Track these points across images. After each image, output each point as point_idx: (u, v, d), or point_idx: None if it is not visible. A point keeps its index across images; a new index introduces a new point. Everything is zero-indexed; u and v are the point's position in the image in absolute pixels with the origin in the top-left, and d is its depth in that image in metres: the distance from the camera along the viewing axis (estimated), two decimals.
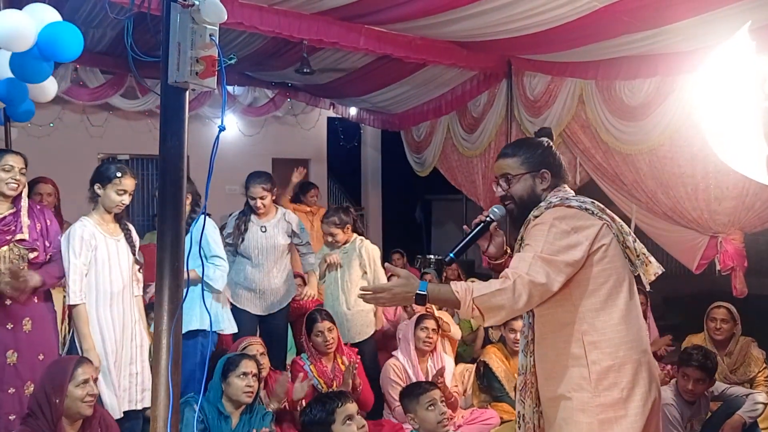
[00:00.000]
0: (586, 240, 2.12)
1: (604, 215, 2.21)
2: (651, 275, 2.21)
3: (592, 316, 2.14)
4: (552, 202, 2.25)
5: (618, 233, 2.20)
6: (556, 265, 2.08)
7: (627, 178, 5.33)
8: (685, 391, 3.64)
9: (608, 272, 2.16)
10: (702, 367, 3.58)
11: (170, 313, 1.49)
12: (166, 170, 1.55)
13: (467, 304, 2.02)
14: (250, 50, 6.44)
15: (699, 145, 4.42)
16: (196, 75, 1.53)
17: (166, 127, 1.56)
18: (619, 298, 2.16)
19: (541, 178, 2.34)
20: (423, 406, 3.17)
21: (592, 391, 2.13)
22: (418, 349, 4.27)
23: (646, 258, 2.22)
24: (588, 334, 2.14)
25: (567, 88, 5.82)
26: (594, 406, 2.12)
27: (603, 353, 2.13)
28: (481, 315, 2.05)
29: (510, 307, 2.04)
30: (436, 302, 2.16)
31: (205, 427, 3.10)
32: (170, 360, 1.46)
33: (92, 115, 8.66)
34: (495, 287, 2.04)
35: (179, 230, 1.56)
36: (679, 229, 5.09)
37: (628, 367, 2.12)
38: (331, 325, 4.08)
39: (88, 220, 3.34)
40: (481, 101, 6.94)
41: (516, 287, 2.03)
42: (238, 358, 3.31)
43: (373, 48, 5.46)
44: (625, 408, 2.11)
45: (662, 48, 4.73)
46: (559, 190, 2.34)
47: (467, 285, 2.07)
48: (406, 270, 2.19)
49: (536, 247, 2.11)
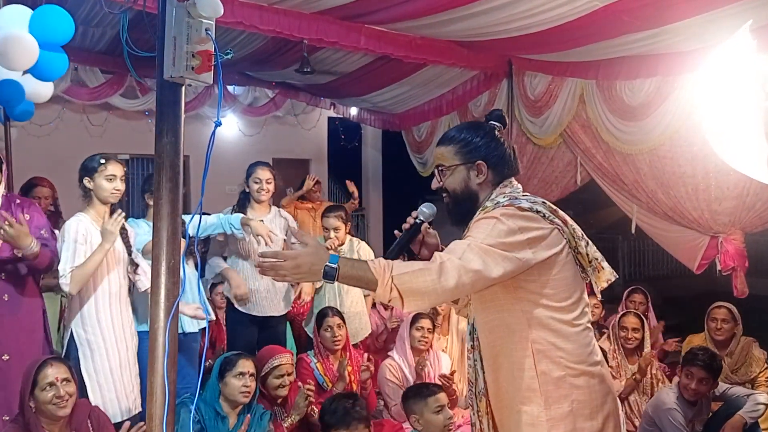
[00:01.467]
0: (531, 244, 1.94)
1: (555, 218, 2.02)
2: (603, 282, 2.06)
3: (542, 325, 1.99)
4: (500, 202, 2.04)
5: (570, 238, 2.03)
6: (493, 255, 1.87)
7: (627, 178, 5.32)
8: (687, 391, 3.62)
9: (559, 280, 2.00)
10: (707, 368, 3.57)
11: (167, 310, 1.49)
12: (162, 167, 1.54)
13: (386, 283, 1.77)
14: (250, 50, 6.45)
15: (699, 144, 4.42)
16: (192, 70, 1.53)
17: (161, 122, 1.55)
18: (570, 307, 2.01)
19: (476, 170, 2.11)
20: (431, 408, 3.14)
21: (542, 404, 1.97)
22: (413, 348, 4.26)
23: (599, 264, 2.07)
24: (537, 342, 1.98)
25: (568, 88, 5.81)
26: (544, 420, 1.97)
27: (553, 363, 1.97)
28: (400, 297, 1.79)
29: (434, 290, 1.79)
30: (347, 279, 1.81)
31: (201, 427, 3.08)
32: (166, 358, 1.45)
33: (92, 114, 8.67)
34: (419, 266, 1.81)
35: (176, 227, 1.56)
36: (679, 229, 5.08)
37: (580, 378, 1.99)
38: (340, 322, 4.09)
39: (84, 216, 3.30)
40: (482, 101, 6.93)
41: (444, 268, 1.80)
42: (236, 357, 3.28)
43: (373, 48, 5.46)
44: (574, 422, 1.97)
45: (663, 48, 4.72)
46: (505, 186, 2.12)
47: (387, 261, 1.83)
48: (316, 240, 1.95)
49: (477, 238, 1.91)
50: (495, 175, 2.12)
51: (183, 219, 3.84)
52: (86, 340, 3.25)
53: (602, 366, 2.08)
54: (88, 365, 3.22)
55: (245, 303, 4.19)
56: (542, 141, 6.15)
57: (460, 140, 2.15)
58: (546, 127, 6.07)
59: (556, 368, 1.97)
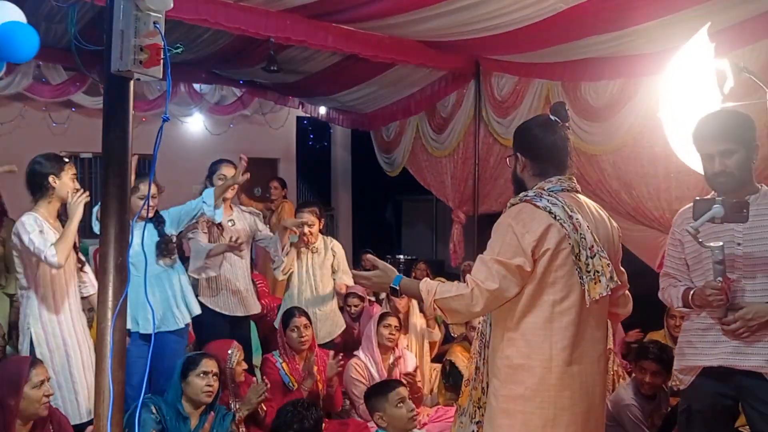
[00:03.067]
0: (530, 245, 2.12)
1: (567, 223, 2.13)
2: (595, 294, 2.14)
3: (520, 315, 2.18)
4: (528, 195, 2.23)
5: (575, 244, 2.13)
6: (509, 267, 2.12)
7: (591, 178, 5.38)
8: (642, 385, 3.68)
9: (548, 279, 2.15)
10: (658, 360, 3.61)
11: (114, 309, 1.45)
12: (110, 163, 1.51)
13: (429, 304, 2.19)
14: (216, 47, 6.38)
15: (661, 145, 4.46)
16: (140, 64, 1.50)
17: (109, 117, 1.52)
18: (549, 303, 2.15)
19: (518, 160, 2.33)
20: (392, 403, 3.16)
21: (502, 380, 2.23)
22: (381, 345, 4.26)
23: (597, 276, 2.15)
24: (510, 330, 2.21)
25: (534, 89, 5.86)
26: (501, 394, 2.22)
27: (518, 351, 2.19)
28: (444, 314, 2.21)
29: (467, 312, 2.19)
30: (406, 295, 2.50)
31: (163, 428, 3.04)
32: (111, 356, 1.42)
33: (54, 112, 8.48)
34: (454, 292, 2.16)
35: (124, 225, 1.52)
36: (642, 228, 5.15)
37: (537, 371, 2.16)
38: (307, 322, 4.08)
39: (35, 214, 3.23)
40: (449, 101, 6.96)
41: (473, 295, 2.13)
42: (199, 357, 3.25)
43: (341, 47, 5.44)
44: (523, 405, 2.18)
45: (626, 50, 4.78)
46: (547, 182, 2.25)
47: (431, 286, 2.20)
48: (384, 263, 2.36)
49: (495, 248, 2.18)
50: (535, 167, 2.29)
51: (163, 216, 3.82)
52: (45, 341, 3.18)
53: (576, 367, 2.18)
54: (48, 366, 3.15)
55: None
56: (509, 141, 6.15)
57: (517, 131, 2.39)
58: (512, 128, 6.08)
59: (519, 357, 2.18)
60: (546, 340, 2.15)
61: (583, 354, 2.20)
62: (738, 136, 2.40)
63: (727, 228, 2.41)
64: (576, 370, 2.18)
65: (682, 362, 2.60)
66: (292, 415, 2.74)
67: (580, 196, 2.31)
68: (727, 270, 2.37)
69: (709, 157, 2.44)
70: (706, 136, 2.45)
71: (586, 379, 2.21)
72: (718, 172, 2.41)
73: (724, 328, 2.42)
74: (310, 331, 4.10)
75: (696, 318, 2.55)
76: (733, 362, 2.42)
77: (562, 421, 2.17)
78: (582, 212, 2.22)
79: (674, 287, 2.61)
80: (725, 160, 2.39)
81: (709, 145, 2.44)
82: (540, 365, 2.16)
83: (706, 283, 2.41)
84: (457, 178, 7.00)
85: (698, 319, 2.54)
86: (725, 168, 2.40)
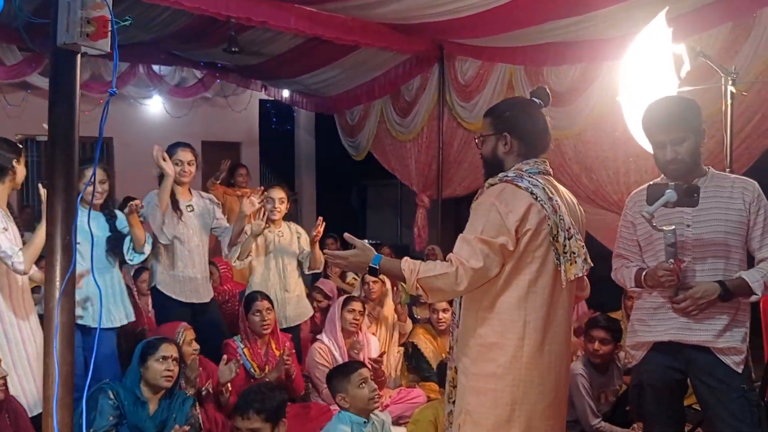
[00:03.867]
0: (514, 224, 2.13)
1: (547, 204, 2.16)
2: (571, 275, 2.19)
3: (495, 295, 2.20)
4: (508, 176, 2.22)
5: (554, 226, 2.16)
6: (493, 246, 2.12)
7: (553, 162, 5.30)
8: (591, 354, 3.76)
9: (526, 258, 2.17)
10: (606, 329, 3.73)
11: (62, 290, 1.41)
12: (57, 138, 1.46)
13: (412, 283, 2.16)
14: (175, 28, 6.24)
15: (621, 130, 4.52)
16: (87, 37, 1.45)
17: (55, 92, 1.47)
18: (525, 283, 2.18)
19: (503, 140, 2.30)
20: (354, 384, 3.16)
21: (473, 359, 2.24)
22: (344, 330, 4.26)
23: (573, 258, 2.19)
24: (484, 309, 2.22)
25: (497, 73, 5.88)
26: (471, 373, 2.25)
27: (491, 329, 2.21)
28: (425, 293, 2.18)
29: (451, 291, 2.17)
30: (386, 275, 2.46)
31: (121, 413, 3.00)
32: (56, 338, 1.38)
33: (9, 94, 8.23)
34: (438, 271, 2.14)
35: (71, 203, 1.48)
36: (602, 212, 5.22)
37: (510, 349, 2.18)
38: (269, 306, 4.05)
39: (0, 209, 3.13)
40: (413, 85, 6.94)
41: (458, 273, 2.12)
42: (158, 341, 3.21)
43: (303, 29, 5.37)
44: (495, 383, 2.20)
45: (587, 35, 4.83)
46: (528, 162, 2.26)
47: (414, 264, 2.18)
48: (363, 243, 2.31)
49: (477, 227, 2.16)
50: (521, 147, 2.29)
51: (116, 213, 3.74)
52: (2, 331, 3.10)
53: (551, 346, 2.22)
54: (5, 356, 3.07)
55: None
56: (472, 126, 6.20)
57: (496, 112, 2.37)
58: (476, 112, 6.12)
59: (492, 335, 2.20)
60: (520, 319, 2.18)
61: (554, 335, 2.24)
62: (687, 123, 2.44)
63: (677, 211, 2.47)
64: (547, 349, 2.22)
65: (634, 338, 2.66)
66: (254, 395, 2.71)
67: (553, 180, 2.34)
68: (678, 252, 2.43)
69: (660, 145, 2.49)
70: (656, 125, 2.50)
71: (555, 358, 2.25)
72: (670, 159, 2.46)
73: (674, 306, 2.49)
74: (272, 315, 4.07)
75: (647, 297, 2.62)
76: (682, 337, 2.49)
77: (530, 398, 2.21)
78: (558, 195, 2.27)
79: (627, 268, 2.67)
80: (677, 147, 2.45)
81: (659, 133, 2.48)
82: (513, 344, 2.18)
83: (658, 264, 2.47)
84: (421, 162, 7.01)
85: (650, 298, 2.60)
86: (677, 155, 2.45)
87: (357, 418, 3.13)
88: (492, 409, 2.20)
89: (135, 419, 3.04)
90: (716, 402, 2.45)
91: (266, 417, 2.69)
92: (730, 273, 2.44)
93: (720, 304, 2.42)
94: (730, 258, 2.46)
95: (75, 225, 1.42)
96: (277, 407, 2.75)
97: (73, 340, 1.46)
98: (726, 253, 2.45)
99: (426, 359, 4.39)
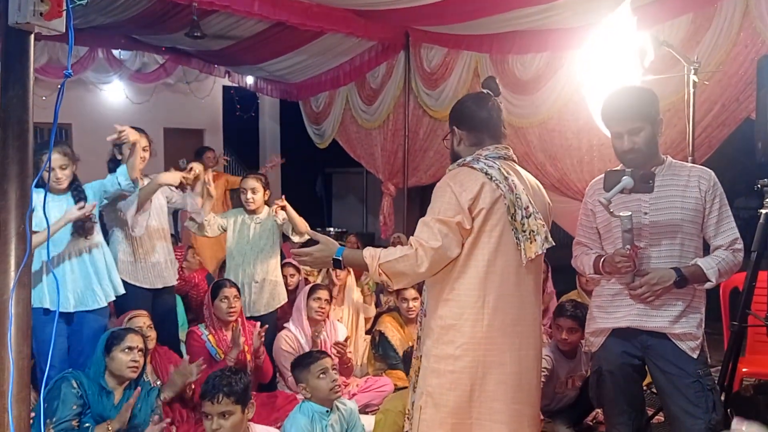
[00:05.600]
0: (467, 202, 2.18)
1: (503, 183, 2.21)
2: (531, 253, 2.22)
3: (456, 276, 2.22)
4: (465, 160, 2.29)
5: (510, 204, 2.20)
6: (451, 226, 2.16)
7: (518, 150, 5.41)
8: (559, 342, 3.80)
9: (482, 238, 2.20)
10: (573, 317, 3.73)
11: (16, 280, 1.36)
12: (9, 122, 1.39)
13: (374, 269, 2.19)
14: (136, 11, 6.08)
15: (585, 119, 4.58)
16: (40, 16, 1.39)
17: (7, 74, 1.40)
18: (483, 263, 2.20)
19: (454, 134, 2.40)
20: (314, 374, 3.14)
21: (434, 340, 2.28)
22: (310, 318, 4.24)
23: (532, 236, 2.22)
24: (445, 291, 2.25)
25: (463, 61, 5.89)
26: (432, 354, 2.28)
27: (450, 311, 2.24)
28: (389, 279, 2.21)
29: (413, 273, 2.18)
30: (350, 266, 2.47)
31: (84, 402, 2.94)
32: (10, 330, 1.33)
33: None
34: (399, 254, 2.17)
35: (25, 189, 1.42)
36: (566, 200, 5.28)
37: (467, 330, 2.21)
38: (237, 294, 4.01)
39: None
40: (379, 72, 6.92)
41: (418, 255, 2.14)
42: (124, 332, 3.15)
43: (267, 14, 5.29)
44: (453, 365, 2.23)
45: (552, 23, 4.85)
46: (482, 149, 2.31)
47: (375, 251, 2.22)
48: (326, 237, 2.34)
49: (435, 209, 2.21)
50: (471, 138, 2.36)
51: (84, 191, 3.61)
52: None
53: (508, 326, 2.24)
54: None
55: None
56: (438, 114, 6.21)
57: (453, 107, 2.46)
58: (442, 100, 6.14)
59: (451, 316, 2.23)
60: (479, 300, 2.20)
61: (518, 317, 2.26)
62: (643, 113, 2.47)
63: (635, 198, 2.51)
64: (509, 330, 2.24)
65: (593, 325, 2.70)
66: (220, 379, 2.68)
67: (516, 165, 2.38)
68: (634, 238, 2.46)
69: (618, 135, 2.52)
70: (614, 116, 2.52)
71: (520, 341, 2.26)
72: (627, 149, 2.50)
73: (631, 292, 2.53)
74: (239, 303, 4.03)
75: (606, 284, 2.65)
76: (639, 323, 2.53)
77: (491, 380, 2.22)
78: (518, 178, 2.29)
79: (586, 255, 2.70)
80: (634, 138, 2.48)
81: (617, 124, 2.51)
82: (471, 324, 2.20)
83: (616, 251, 2.51)
84: (387, 150, 6.99)
85: (608, 285, 2.64)
86: (634, 145, 2.48)
87: (319, 408, 3.12)
88: (452, 390, 2.22)
89: (99, 409, 2.98)
90: (672, 387, 2.50)
91: (236, 399, 2.66)
92: (686, 260, 2.48)
93: (676, 290, 2.46)
94: (685, 245, 2.50)
95: (30, 213, 1.36)
96: (244, 389, 2.72)
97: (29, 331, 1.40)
98: (681, 239, 2.49)
99: (393, 347, 4.39)
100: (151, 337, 3.53)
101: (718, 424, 2.46)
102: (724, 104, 4.17)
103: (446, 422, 2.23)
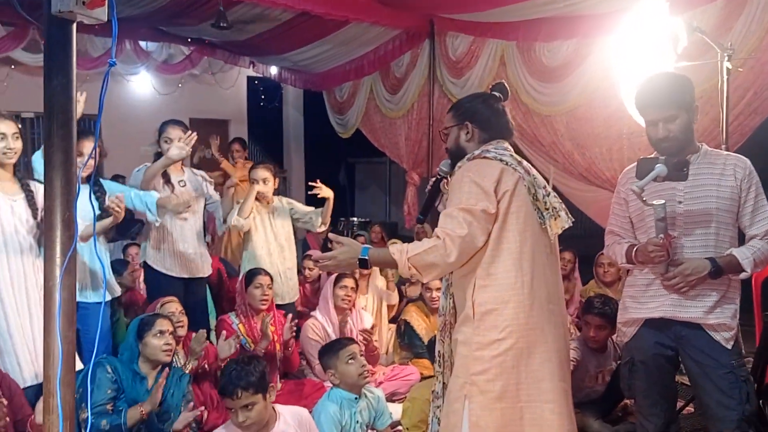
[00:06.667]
0: (491, 186, 2.20)
1: (519, 167, 2.27)
2: (558, 228, 2.27)
3: (489, 261, 2.23)
4: (474, 154, 2.31)
5: (530, 185, 2.25)
6: (475, 213, 2.18)
7: (545, 139, 5.42)
8: (588, 339, 3.76)
9: (510, 220, 2.22)
10: (601, 314, 3.67)
11: (62, 266, 1.38)
12: (53, 111, 1.41)
13: (404, 264, 2.18)
14: (162, 3, 6.13)
15: (614, 106, 4.52)
16: (82, 5, 1.40)
17: (51, 63, 1.42)
18: (516, 245, 2.22)
19: (465, 129, 2.41)
20: (343, 360, 3.17)
21: (474, 327, 2.25)
22: (337, 307, 4.27)
23: (556, 212, 2.27)
24: (481, 278, 2.25)
25: (489, 50, 5.83)
26: (474, 341, 2.25)
27: (490, 296, 2.23)
28: (419, 272, 2.20)
29: (443, 263, 2.17)
30: (377, 265, 2.48)
31: (119, 387, 3.00)
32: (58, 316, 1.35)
33: None
34: (427, 245, 2.17)
35: (70, 177, 1.44)
36: (594, 189, 5.23)
37: (509, 313, 2.21)
38: (270, 283, 4.07)
39: None
40: (403, 61, 6.89)
41: (446, 244, 2.15)
42: (153, 317, 3.20)
43: (292, 4, 5.31)
44: (497, 349, 2.21)
45: (580, 10, 4.79)
46: (490, 143, 2.35)
47: (402, 246, 2.21)
48: (349, 239, 2.32)
49: (456, 201, 2.22)
50: (482, 133, 2.39)
51: (104, 186, 3.66)
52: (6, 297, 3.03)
53: (547, 304, 2.26)
54: None
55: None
56: None
57: (457, 105, 2.52)
58: (467, 89, 6.09)
59: (491, 301, 2.23)
60: (518, 281, 2.22)
61: (551, 294, 2.29)
62: (679, 100, 2.43)
63: (669, 186, 2.47)
64: (546, 308, 2.26)
65: (626, 315, 2.67)
66: (237, 372, 2.70)
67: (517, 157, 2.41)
68: (668, 227, 2.43)
69: (653, 124, 2.49)
70: (649, 103, 2.49)
71: (558, 319, 2.30)
72: (662, 137, 2.46)
73: (664, 283, 2.50)
74: (272, 292, 4.08)
75: (638, 274, 2.62)
76: (673, 313, 2.51)
77: (536, 359, 2.23)
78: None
79: (618, 244, 2.67)
80: (669, 126, 2.44)
81: (652, 112, 2.48)
82: (513, 306, 2.21)
83: (649, 240, 2.48)
84: (411, 140, 6.97)
85: (641, 275, 2.61)
86: (669, 133, 2.45)
87: (348, 395, 3.15)
88: (498, 375, 2.21)
89: (133, 394, 3.04)
90: (705, 378, 2.47)
91: (255, 390, 2.68)
92: (721, 249, 2.45)
93: (710, 280, 2.43)
94: (720, 234, 2.46)
95: (75, 200, 1.39)
96: (260, 377, 2.73)
97: (74, 317, 1.43)
98: (716, 228, 2.45)
99: (419, 336, 4.41)
100: (182, 323, 3.58)
101: (751, 415, 2.44)
102: (756, 92, 4.08)
103: (495, 408, 2.22)
